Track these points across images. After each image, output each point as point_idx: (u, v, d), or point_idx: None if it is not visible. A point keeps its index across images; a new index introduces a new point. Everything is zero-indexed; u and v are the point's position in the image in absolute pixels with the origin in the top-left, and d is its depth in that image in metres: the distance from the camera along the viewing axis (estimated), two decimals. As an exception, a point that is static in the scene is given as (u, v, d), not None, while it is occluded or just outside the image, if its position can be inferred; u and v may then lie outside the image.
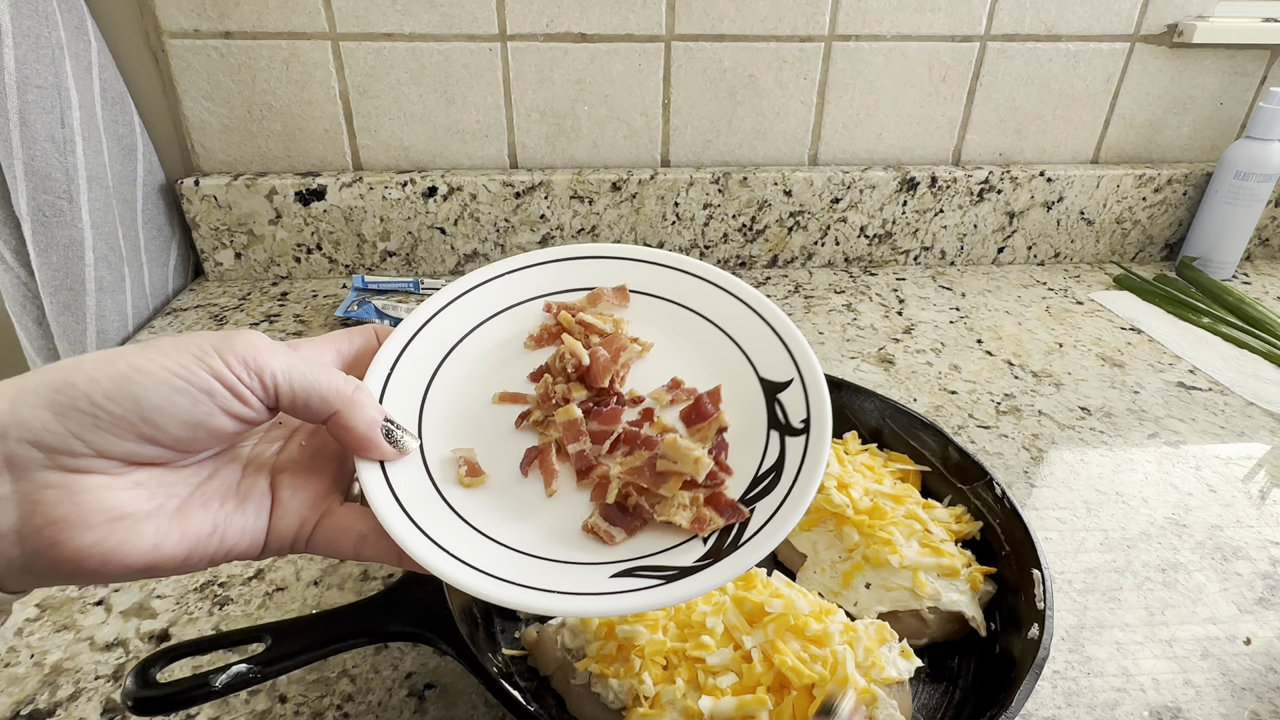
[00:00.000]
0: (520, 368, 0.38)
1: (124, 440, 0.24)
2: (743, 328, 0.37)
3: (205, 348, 0.26)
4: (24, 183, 0.67)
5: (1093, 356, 0.80)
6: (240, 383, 0.26)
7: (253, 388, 0.26)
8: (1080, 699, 0.44)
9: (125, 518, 0.25)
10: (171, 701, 0.34)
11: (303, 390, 0.28)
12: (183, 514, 0.27)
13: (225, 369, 0.26)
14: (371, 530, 0.31)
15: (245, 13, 0.79)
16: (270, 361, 0.27)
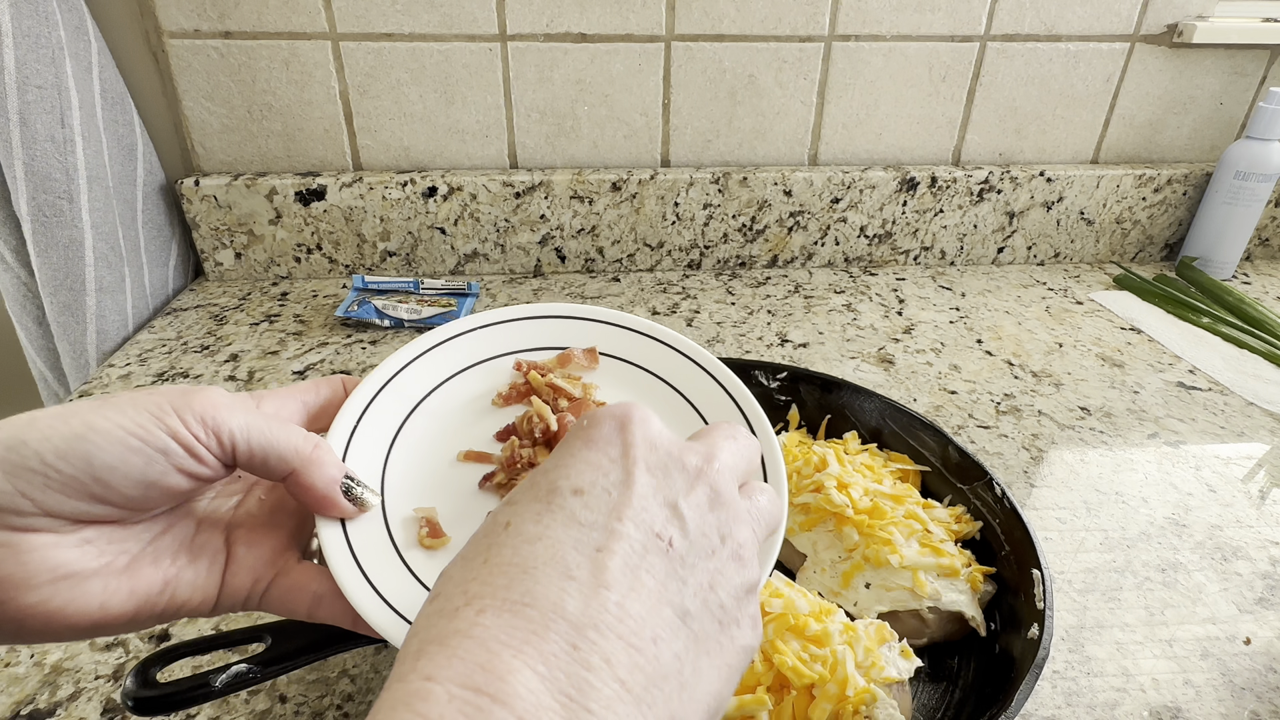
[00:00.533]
0: (487, 425, 0.38)
1: (74, 500, 0.24)
2: (700, 390, 0.39)
3: (163, 405, 0.25)
4: (24, 183, 0.67)
5: (1093, 356, 0.80)
6: (197, 441, 0.25)
7: (210, 446, 0.26)
8: (1080, 699, 0.44)
9: (71, 576, 0.24)
10: (171, 701, 0.34)
11: (260, 449, 0.27)
12: (132, 571, 0.26)
13: (182, 427, 0.25)
14: (328, 591, 0.30)
15: (245, 13, 0.79)
16: (228, 420, 0.26)
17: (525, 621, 0.19)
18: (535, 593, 0.19)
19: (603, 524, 0.22)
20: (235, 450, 0.27)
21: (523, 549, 0.21)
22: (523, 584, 0.20)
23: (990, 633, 0.45)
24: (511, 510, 0.23)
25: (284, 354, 0.77)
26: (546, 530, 0.21)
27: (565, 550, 0.21)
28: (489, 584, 0.20)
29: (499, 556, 0.21)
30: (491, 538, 0.22)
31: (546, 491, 0.23)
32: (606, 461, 0.24)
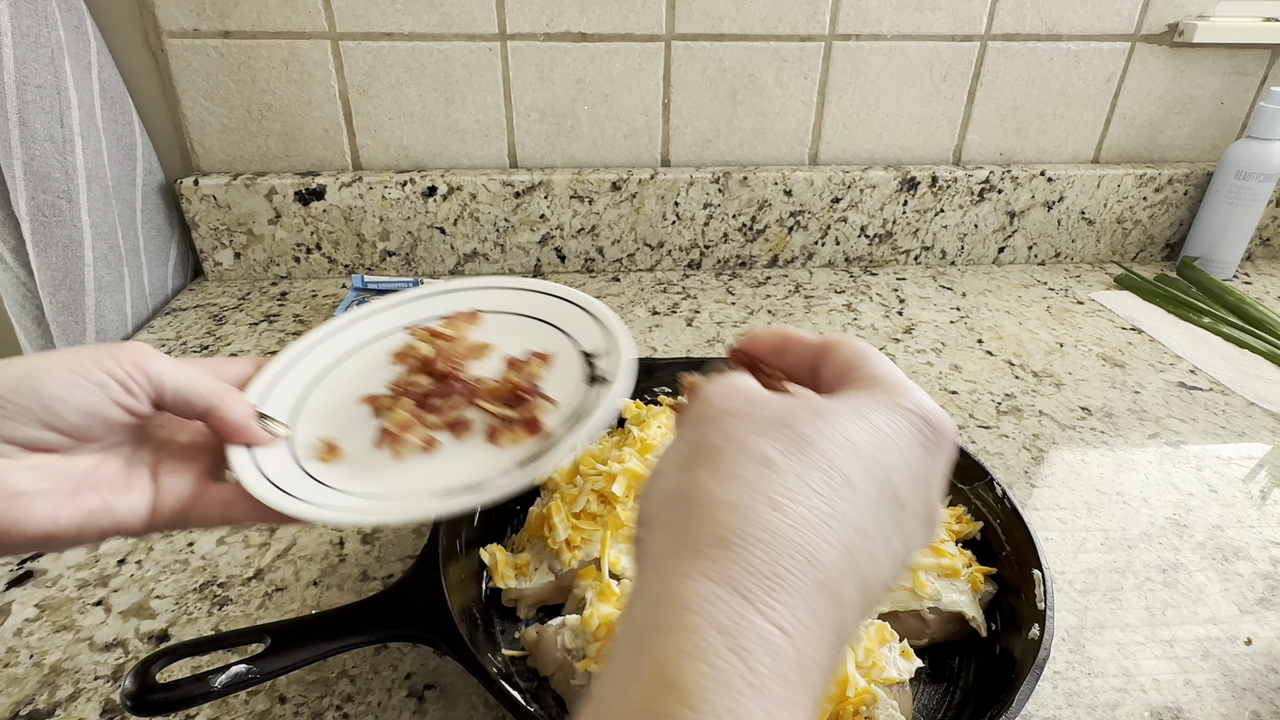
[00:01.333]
0: (385, 378, 0.43)
1: (26, 427, 0.28)
2: (573, 320, 0.45)
3: (99, 351, 0.31)
4: (23, 182, 0.67)
5: (1093, 356, 0.80)
6: (130, 379, 0.31)
7: (140, 383, 0.31)
8: (1081, 699, 0.44)
9: (24, 494, 0.29)
10: (171, 702, 0.34)
11: (184, 389, 0.33)
12: (75, 494, 0.31)
13: (117, 367, 0.30)
14: (236, 496, 0.34)
15: (245, 12, 0.79)
16: (155, 364, 0.32)
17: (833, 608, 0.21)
18: (847, 595, 0.21)
19: (895, 551, 0.23)
20: (162, 389, 0.32)
21: (856, 539, 0.22)
22: (844, 579, 0.21)
23: (991, 633, 0.45)
24: (855, 464, 0.23)
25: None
26: (871, 531, 0.22)
27: (869, 566, 0.22)
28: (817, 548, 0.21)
29: (837, 527, 0.21)
30: (834, 489, 0.22)
31: (884, 479, 0.23)
32: (922, 486, 0.24)
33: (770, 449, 0.22)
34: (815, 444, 0.22)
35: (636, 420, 0.58)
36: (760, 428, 0.23)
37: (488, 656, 0.42)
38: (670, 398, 0.62)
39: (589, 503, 0.49)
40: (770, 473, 0.22)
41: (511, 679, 0.43)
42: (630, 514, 0.48)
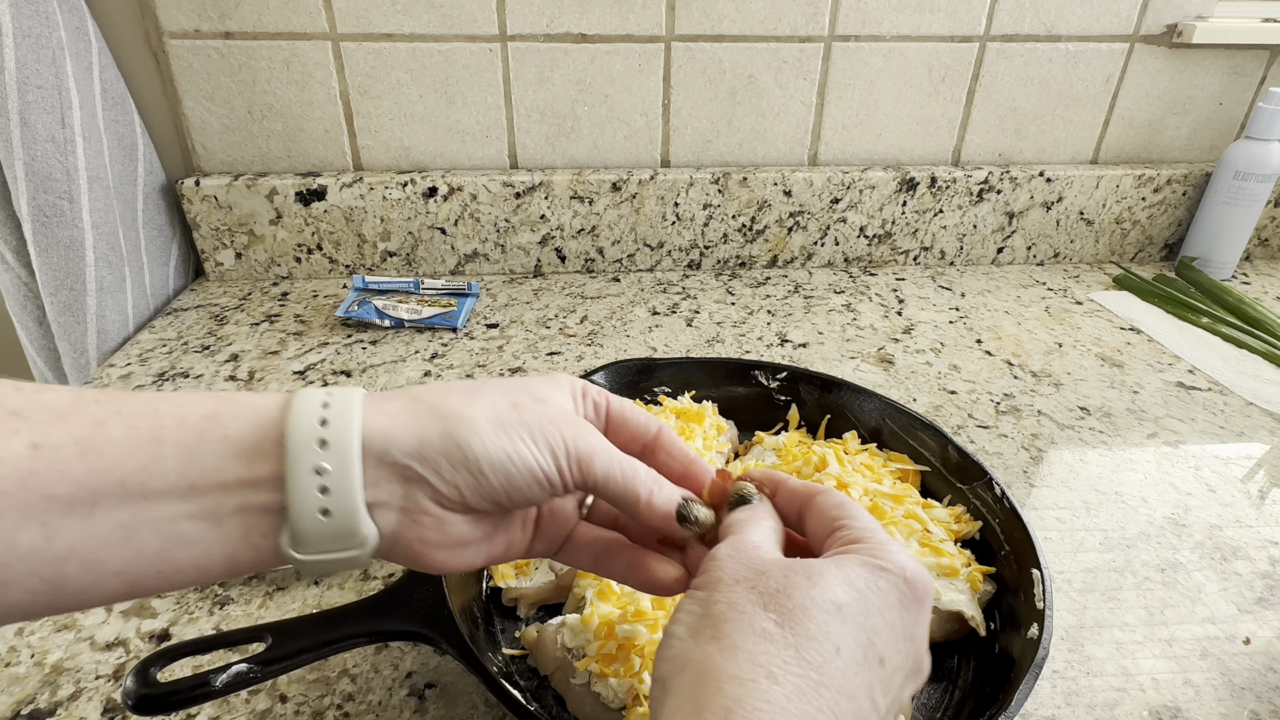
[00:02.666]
0: None
1: (483, 501, 0.29)
2: None
3: (559, 446, 0.30)
4: (24, 183, 0.67)
5: (1092, 356, 0.80)
6: (570, 483, 0.31)
7: (575, 484, 0.31)
8: (1080, 698, 0.44)
9: (466, 544, 0.31)
10: (172, 701, 0.34)
11: (619, 492, 0.32)
12: (490, 538, 0.32)
13: (567, 472, 0.30)
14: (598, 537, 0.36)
15: (245, 13, 0.79)
16: (596, 468, 0.31)
17: None
18: None
19: (879, 706, 0.26)
20: (594, 488, 0.32)
21: (843, 702, 0.24)
22: None
23: (990, 632, 0.45)
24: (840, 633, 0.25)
25: (284, 354, 0.77)
26: (856, 691, 0.25)
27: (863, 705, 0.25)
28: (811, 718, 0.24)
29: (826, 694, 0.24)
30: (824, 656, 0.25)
31: (866, 642, 0.26)
32: (903, 641, 0.27)
33: (768, 623, 0.25)
34: (809, 613, 0.25)
35: (636, 420, 0.58)
36: (762, 598, 0.26)
37: (488, 655, 0.42)
38: (670, 398, 0.62)
39: (589, 502, 0.50)
40: (767, 645, 0.25)
41: (511, 678, 0.43)
42: None
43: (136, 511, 0.25)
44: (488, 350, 0.78)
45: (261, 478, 0.26)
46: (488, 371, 0.75)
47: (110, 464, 0.24)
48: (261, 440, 0.27)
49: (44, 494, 0.24)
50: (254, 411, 0.27)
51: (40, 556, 0.24)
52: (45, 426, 0.24)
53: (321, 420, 0.27)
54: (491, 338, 0.81)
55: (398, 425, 0.28)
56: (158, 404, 0.26)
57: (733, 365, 0.63)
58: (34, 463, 0.23)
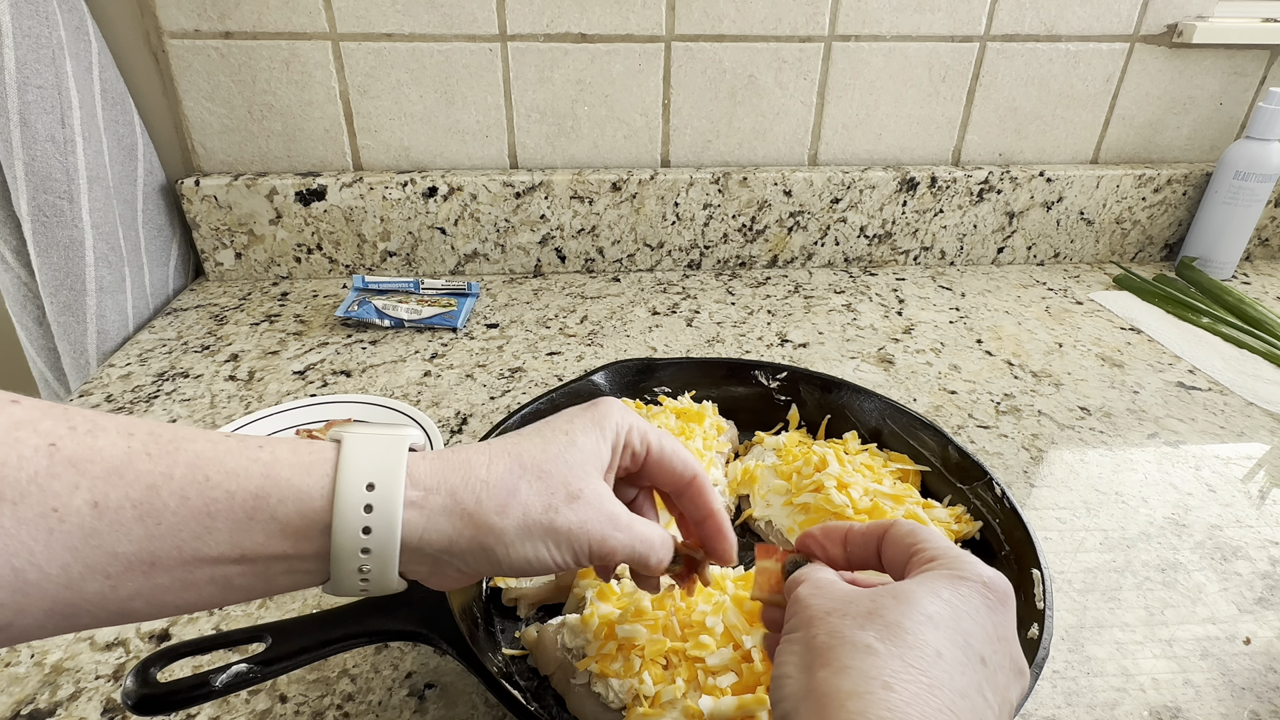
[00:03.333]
0: None
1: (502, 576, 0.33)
2: None
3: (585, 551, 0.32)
4: (24, 183, 0.67)
5: (1092, 356, 0.80)
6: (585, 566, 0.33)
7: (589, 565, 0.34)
8: (1080, 699, 0.44)
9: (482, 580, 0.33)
10: (172, 701, 0.34)
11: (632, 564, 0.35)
12: None
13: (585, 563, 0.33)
14: None
15: (245, 13, 0.79)
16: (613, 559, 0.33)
17: None
18: None
19: (990, 702, 0.26)
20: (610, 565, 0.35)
21: (958, 700, 0.25)
22: None
23: (990, 632, 0.45)
24: (938, 639, 0.27)
25: (284, 354, 0.77)
26: (969, 690, 0.26)
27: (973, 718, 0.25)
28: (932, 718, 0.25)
29: (941, 694, 0.25)
30: (928, 660, 0.26)
31: (964, 644, 0.27)
32: (997, 641, 0.28)
33: (870, 638, 0.27)
34: (904, 627, 0.27)
35: (636, 420, 0.58)
36: (858, 621, 0.28)
37: (488, 655, 0.42)
38: (670, 397, 0.62)
39: (589, 502, 0.49)
40: (875, 659, 0.26)
41: (511, 678, 0.43)
42: None
43: (192, 570, 0.27)
44: (488, 350, 0.78)
45: (307, 554, 0.29)
46: (488, 372, 0.75)
47: (166, 531, 0.26)
48: (308, 528, 0.28)
49: (107, 551, 0.25)
50: (300, 497, 0.28)
51: (107, 599, 0.26)
52: (103, 484, 0.25)
53: (365, 528, 0.29)
54: (491, 338, 0.81)
55: (433, 529, 0.30)
56: (207, 469, 0.27)
57: (733, 365, 0.63)
58: (97, 521, 0.25)
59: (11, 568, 0.24)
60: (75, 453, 0.25)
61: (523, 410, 0.55)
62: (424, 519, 0.30)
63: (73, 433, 0.25)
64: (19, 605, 0.24)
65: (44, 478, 0.24)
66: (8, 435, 0.24)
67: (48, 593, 0.24)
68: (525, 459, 0.32)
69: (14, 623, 0.24)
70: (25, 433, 0.25)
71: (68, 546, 0.24)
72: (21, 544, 0.24)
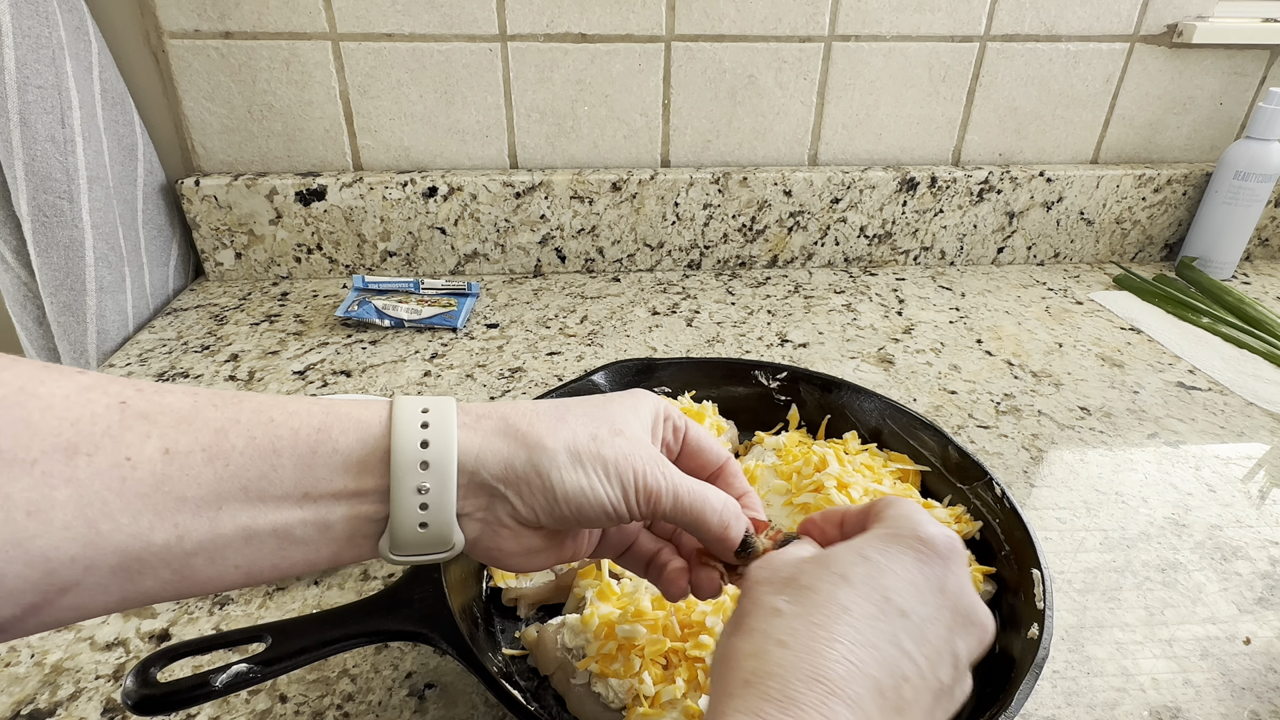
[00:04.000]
0: None
1: (556, 523, 0.32)
2: None
3: (629, 481, 0.32)
4: (24, 183, 0.67)
5: (1092, 356, 0.80)
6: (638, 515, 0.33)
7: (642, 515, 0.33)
8: (1080, 699, 0.44)
9: (537, 552, 0.34)
10: (172, 701, 0.34)
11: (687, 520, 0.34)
12: (558, 547, 0.35)
13: (635, 506, 0.32)
14: None
15: (245, 13, 0.79)
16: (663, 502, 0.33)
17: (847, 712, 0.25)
18: (862, 699, 0.25)
19: (911, 654, 0.27)
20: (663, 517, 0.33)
21: (859, 650, 0.26)
22: (854, 686, 0.25)
23: (990, 632, 0.45)
24: (849, 595, 0.28)
25: (284, 354, 0.77)
26: (877, 641, 0.26)
27: (885, 669, 0.26)
28: (830, 668, 0.25)
29: (839, 645, 0.26)
30: (831, 614, 0.27)
31: (881, 598, 0.28)
32: (929, 594, 0.29)
33: (780, 602, 0.28)
34: (815, 588, 0.28)
35: (636, 420, 0.58)
36: (775, 587, 0.29)
37: (488, 655, 0.42)
38: (670, 397, 0.62)
39: (589, 502, 0.50)
40: (779, 619, 0.27)
41: (511, 678, 0.43)
42: None
43: (256, 515, 0.28)
44: (488, 350, 0.78)
45: (368, 489, 0.29)
46: (488, 372, 0.75)
47: (235, 471, 0.27)
48: (368, 456, 0.29)
49: (177, 496, 0.26)
50: (360, 425, 0.29)
51: (172, 552, 0.26)
52: (174, 432, 0.26)
53: (422, 442, 0.30)
54: (491, 338, 0.81)
55: (488, 449, 0.31)
56: (271, 412, 0.28)
57: (733, 365, 0.63)
58: (167, 467, 0.26)
59: (85, 518, 0.24)
60: (145, 407, 0.26)
61: (523, 410, 0.55)
62: (479, 439, 0.31)
63: (140, 393, 0.27)
64: (89, 560, 0.25)
65: (117, 429, 0.25)
66: (81, 396, 0.25)
67: (117, 544, 0.25)
68: (570, 405, 0.33)
69: (82, 582, 0.25)
70: (96, 394, 0.26)
71: (139, 494, 0.25)
72: (96, 494, 0.25)
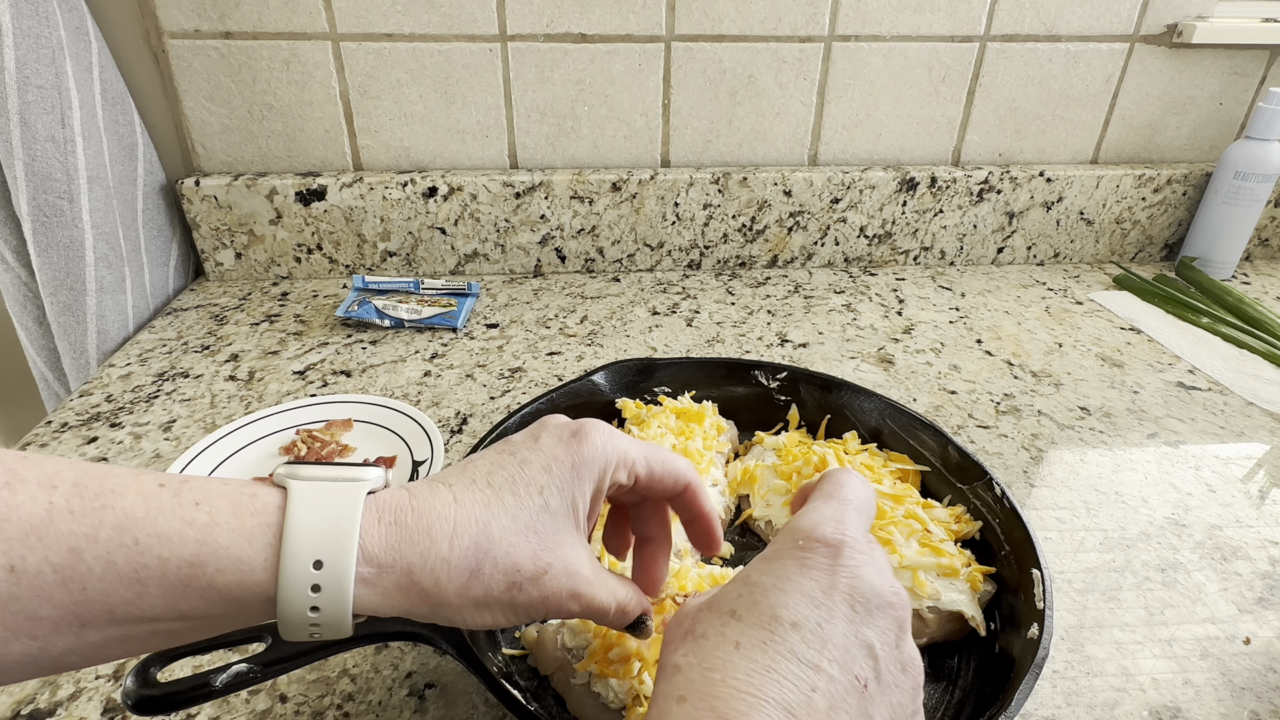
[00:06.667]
0: (274, 465, 0.59)
1: None
2: (415, 435, 0.63)
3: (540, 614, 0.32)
4: (24, 183, 0.67)
5: (1092, 356, 0.80)
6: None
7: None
8: (1080, 698, 0.44)
9: None
10: (172, 701, 0.34)
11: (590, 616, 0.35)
12: None
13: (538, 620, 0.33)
14: None
15: (245, 13, 0.79)
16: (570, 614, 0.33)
17: None
18: None
19: (814, 662, 0.26)
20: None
21: (756, 678, 0.25)
22: (759, 715, 0.24)
23: (990, 632, 0.45)
24: (738, 629, 0.27)
25: (284, 354, 0.77)
26: (773, 663, 0.26)
27: (788, 688, 0.25)
28: (730, 707, 0.25)
29: (734, 681, 0.25)
30: (723, 656, 0.27)
31: (769, 619, 0.27)
32: (818, 593, 0.28)
33: (677, 658, 0.28)
34: (707, 635, 0.28)
35: (636, 420, 0.58)
36: (676, 644, 0.29)
37: (488, 655, 0.42)
38: (670, 398, 0.62)
39: (589, 502, 0.50)
40: (677, 676, 0.27)
41: (511, 678, 0.43)
42: None
43: (128, 627, 0.26)
44: (488, 350, 0.78)
45: (253, 615, 0.28)
46: (488, 372, 0.75)
47: (94, 595, 0.25)
48: (250, 598, 0.27)
49: (28, 616, 0.24)
50: (240, 568, 0.26)
51: (37, 659, 0.25)
52: (20, 547, 0.24)
53: (313, 606, 0.27)
54: (491, 338, 0.81)
55: (386, 604, 0.29)
56: (135, 532, 0.25)
57: (733, 365, 0.63)
58: (14, 587, 0.24)
59: None
60: None
61: (522, 410, 0.55)
62: (377, 595, 0.28)
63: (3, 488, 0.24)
64: None
65: None
66: None
67: None
68: (494, 534, 0.30)
69: None
70: None
71: None
72: None
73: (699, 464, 0.53)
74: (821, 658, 0.26)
